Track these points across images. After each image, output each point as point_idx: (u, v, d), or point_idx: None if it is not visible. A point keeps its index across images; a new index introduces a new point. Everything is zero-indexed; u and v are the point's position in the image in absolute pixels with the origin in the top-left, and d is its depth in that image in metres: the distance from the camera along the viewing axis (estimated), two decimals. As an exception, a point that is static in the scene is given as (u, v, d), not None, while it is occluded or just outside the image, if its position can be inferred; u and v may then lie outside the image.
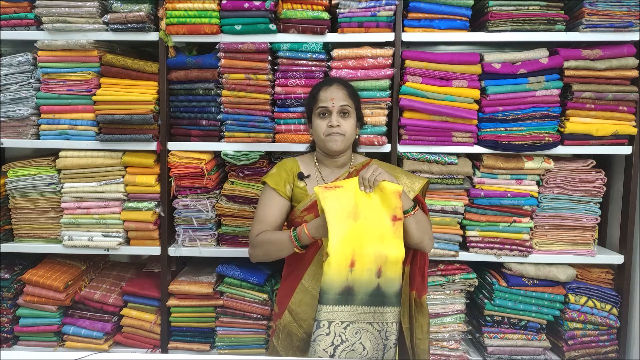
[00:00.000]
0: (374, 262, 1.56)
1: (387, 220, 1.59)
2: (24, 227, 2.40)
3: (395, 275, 1.58)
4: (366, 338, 1.57)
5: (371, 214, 1.59)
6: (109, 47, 2.34)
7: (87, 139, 2.31)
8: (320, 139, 1.74)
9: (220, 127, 2.30)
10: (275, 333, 1.77)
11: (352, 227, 1.57)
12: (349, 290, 1.56)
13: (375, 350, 1.58)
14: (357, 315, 1.57)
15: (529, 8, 2.17)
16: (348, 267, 1.55)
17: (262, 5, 2.15)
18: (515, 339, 2.29)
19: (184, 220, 2.34)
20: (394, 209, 1.60)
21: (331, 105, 1.72)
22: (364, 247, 1.56)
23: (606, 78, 2.19)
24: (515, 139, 2.21)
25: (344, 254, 1.55)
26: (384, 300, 1.58)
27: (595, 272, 2.33)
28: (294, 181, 1.77)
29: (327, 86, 1.76)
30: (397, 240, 1.59)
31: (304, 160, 1.84)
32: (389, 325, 1.59)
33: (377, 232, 1.58)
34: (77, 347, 2.38)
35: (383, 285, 1.57)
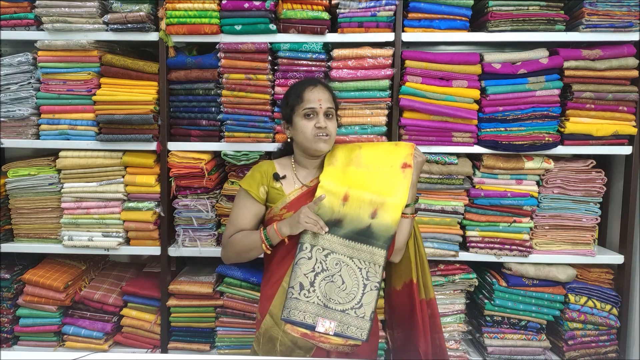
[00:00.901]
0: (370, 204, 1.65)
1: (396, 167, 1.71)
2: (24, 227, 2.40)
3: (391, 219, 1.64)
4: (346, 272, 1.61)
5: (376, 164, 1.72)
6: (109, 47, 2.34)
7: (87, 139, 2.31)
8: (307, 140, 1.71)
9: (220, 127, 2.30)
10: (256, 339, 1.74)
11: (352, 171, 1.71)
12: (337, 223, 1.64)
13: (354, 287, 1.60)
14: (338, 246, 1.62)
15: (529, 8, 2.17)
16: (341, 200, 1.66)
17: (262, 5, 2.16)
18: (515, 339, 2.29)
19: (184, 220, 2.34)
20: (405, 157, 1.72)
21: (319, 107, 1.71)
22: (362, 188, 1.65)
23: (606, 78, 2.19)
24: (515, 139, 2.21)
25: (336, 188, 1.67)
26: (370, 240, 1.63)
27: (595, 272, 2.33)
28: (269, 182, 1.76)
29: (313, 86, 1.75)
30: (404, 186, 1.68)
31: (281, 162, 1.83)
32: (371, 266, 1.62)
33: (380, 180, 1.69)
34: (77, 347, 2.38)
35: (375, 227, 1.64)
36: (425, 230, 2.26)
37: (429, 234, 2.26)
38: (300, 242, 1.61)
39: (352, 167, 1.72)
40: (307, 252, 1.61)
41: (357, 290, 1.60)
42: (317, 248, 1.61)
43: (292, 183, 1.76)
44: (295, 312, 1.58)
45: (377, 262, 1.62)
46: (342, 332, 1.58)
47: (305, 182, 1.76)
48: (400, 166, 1.70)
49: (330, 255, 1.61)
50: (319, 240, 1.61)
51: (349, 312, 1.59)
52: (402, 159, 1.71)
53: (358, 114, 2.23)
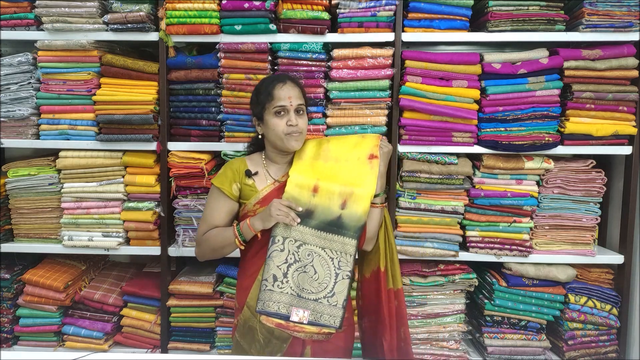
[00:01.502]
0: (339, 195, 1.68)
1: (363, 159, 1.75)
2: (24, 227, 2.40)
3: (360, 210, 1.66)
4: (318, 262, 1.64)
5: (344, 157, 1.76)
6: (109, 47, 2.34)
7: (87, 139, 2.31)
8: (279, 138, 1.73)
9: (220, 127, 2.30)
10: (237, 328, 1.77)
11: (320, 165, 1.75)
12: (309, 214, 1.66)
13: (327, 277, 1.64)
14: (310, 237, 1.65)
15: (529, 8, 2.17)
16: (311, 192, 1.68)
17: (262, 5, 2.16)
18: (515, 339, 2.29)
19: (184, 220, 2.34)
20: (371, 148, 1.76)
21: (289, 104, 1.72)
22: (330, 181, 1.70)
23: (606, 78, 2.19)
24: (515, 139, 2.21)
25: (305, 181, 1.69)
26: (341, 230, 1.66)
27: (595, 272, 2.33)
28: (242, 179, 1.77)
29: (282, 83, 1.75)
30: (371, 177, 1.71)
31: (252, 159, 1.84)
32: (343, 256, 1.65)
33: (348, 172, 1.73)
34: (77, 347, 2.38)
35: (345, 218, 1.67)
36: (425, 230, 2.26)
37: (429, 234, 2.26)
38: (272, 235, 1.65)
39: (321, 160, 1.76)
40: (279, 244, 1.64)
41: (329, 279, 1.64)
42: (289, 240, 1.65)
43: (264, 179, 1.78)
44: (270, 304, 1.62)
45: (348, 251, 1.65)
46: (316, 320, 1.61)
47: (277, 178, 1.78)
48: (367, 157, 1.74)
49: (302, 246, 1.65)
50: (291, 232, 1.65)
51: (321, 301, 1.63)
52: (369, 151, 1.75)
53: (358, 114, 2.23)
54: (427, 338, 2.32)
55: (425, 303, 2.31)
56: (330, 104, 2.25)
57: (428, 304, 2.31)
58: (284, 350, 1.68)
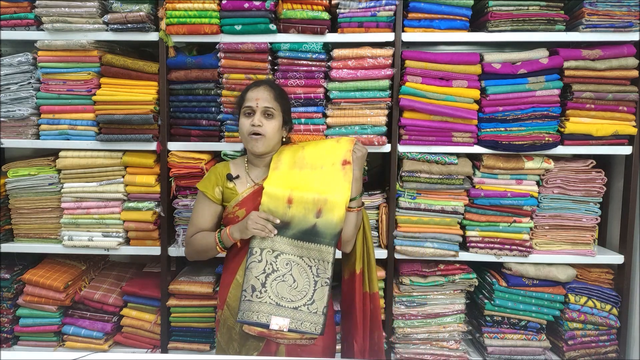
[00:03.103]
0: (313, 204, 1.70)
1: (337, 165, 1.75)
2: (24, 227, 2.40)
3: (335, 217, 1.68)
4: (296, 271, 1.67)
5: (319, 164, 1.76)
6: (109, 47, 2.34)
7: (87, 139, 2.31)
8: (245, 138, 1.80)
9: (220, 127, 2.30)
10: (219, 328, 1.82)
11: (295, 174, 1.75)
12: (286, 225, 1.69)
13: (305, 285, 1.67)
14: (287, 247, 1.68)
15: (529, 8, 2.17)
16: (286, 203, 1.70)
17: (262, 5, 2.16)
18: (515, 339, 2.29)
19: (184, 220, 2.34)
20: (345, 153, 1.77)
21: (255, 105, 1.77)
22: (305, 190, 1.71)
23: (606, 78, 2.19)
24: (515, 139, 2.21)
25: (280, 192, 1.71)
26: (318, 238, 1.68)
27: (595, 272, 2.33)
28: (224, 183, 1.83)
29: (256, 87, 1.83)
30: (345, 183, 1.72)
31: (236, 163, 1.90)
32: (321, 263, 1.68)
33: (323, 179, 1.73)
34: (77, 347, 2.38)
35: (320, 226, 1.68)
36: (425, 230, 2.26)
37: (429, 234, 2.26)
38: (250, 247, 1.69)
39: (296, 169, 1.77)
40: (257, 255, 1.68)
41: (308, 287, 1.67)
42: (266, 250, 1.68)
43: (245, 182, 1.83)
44: (249, 314, 1.66)
45: (326, 259, 1.67)
46: (297, 328, 1.64)
47: (257, 181, 1.82)
48: (341, 163, 1.75)
49: (280, 256, 1.68)
50: (268, 242, 1.68)
51: (301, 309, 1.65)
52: (342, 156, 1.76)
53: (358, 114, 2.23)
54: (427, 338, 2.32)
55: (425, 303, 2.31)
56: (330, 104, 2.25)
57: (428, 304, 2.31)
58: (261, 348, 1.73)
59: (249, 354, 1.73)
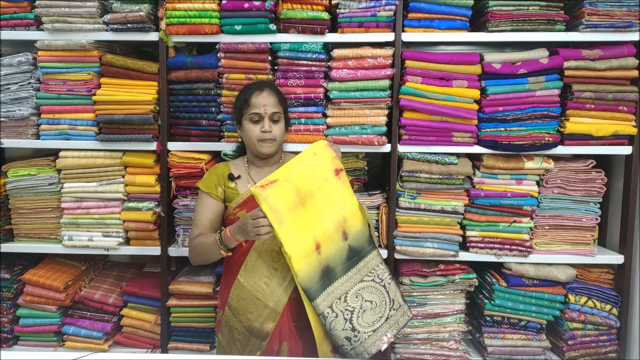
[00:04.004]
0: (336, 230, 1.64)
1: (331, 178, 1.67)
2: (24, 227, 2.40)
3: (358, 225, 1.66)
4: (367, 294, 1.65)
5: (315, 186, 1.64)
6: (109, 47, 2.34)
7: (87, 139, 2.31)
8: (253, 143, 1.81)
9: (220, 127, 2.30)
10: (220, 329, 1.81)
11: (303, 215, 1.61)
12: (327, 270, 1.62)
13: (380, 296, 1.68)
14: (346, 284, 1.64)
15: (529, 8, 2.17)
16: (315, 252, 1.62)
17: (262, 5, 2.15)
18: (515, 339, 2.29)
19: (184, 220, 2.34)
20: (331, 162, 1.68)
21: (263, 112, 1.79)
22: (322, 225, 1.62)
23: (606, 78, 2.19)
24: (515, 139, 2.21)
25: (306, 247, 1.59)
26: (360, 254, 1.66)
27: (595, 272, 2.33)
28: (225, 183, 1.84)
29: (259, 91, 1.83)
30: (346, 190, 1.68)
31: (236, 163, 1.91)
32: (377, 268, 1.68)
33: (326, 199, 1.64)
34: (77, 347, 2.38)
35: (353, 243, 1.67)
36: (425, 230, 2.26)
37: (429, 234, 2.26)
38: (319, 314, 1.61)
39: (299, 208, 1.60)
40: (330, 316, 1.61)
41: (383, 296, 1.67)
42: (335, 303, 1.62)
43: (246, 183, 1.84)
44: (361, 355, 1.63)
45: (377, 262, 1.67)
46: (397, 329, 1.70)
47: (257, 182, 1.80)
48: (334, 174, 1.69)
49: (346, 296, 1.63)
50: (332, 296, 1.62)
51: (391, 315, 1.70)
52: (331, 167, 1.69)
53: (358, 114, 2.23)
54: (427, 338, 2.32)
55: (425, 303, 2.31)
56: (330, 104, 2.25)
57: (428, 304, 2.31)
58: (263, 348, 1.71)
59: (251, 353, 1.72)
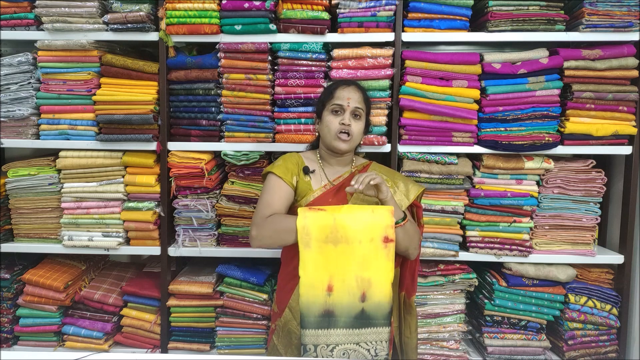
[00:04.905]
0: (357, 287, 1.57)
1: (377, 242, 1.58)
2: (24, 227, 2.40)
3: (383, 298, 1.58)
4: (355, 357, 1.58)
5: (356, 237, 1.57)
6: (109, 47, 2.34)
7: (87, 139, 2.31)
8: (330, 136, 1.75)
9: (220, 127, 2.30)
10: (275, 332, 1.78)
11: (331, 251, 1.57)
12: (330, 314, 1.57)
13: None
14: (342, 337, 1.58)
15: (529, 8, 2.17)
16: (325, 291, 1.57)
17: (262, 5, 2.15)
18: (515, 339, 2.29)
19: (184, 220, 2.34)
20: (385, 229, 1.59)
21: (346, 105, 1.74)
22: (344, 272, 1.57)
23: (606, 78, 2.19)
24: (515, 139, 2.21)
25: (318, 279, 1.57)
26: (371, 322, 1.59)
27: (595, 272, 2.33)
28: (299, 174, 1.78)
29: (346, 85, 1.80)
30: (388, 263, 1.59)
31: (308, 156, 1.85)
32: (379, 344, 1.60)
33: (362, 255, 1.57)
34: (77, 347, 2.38)
35: (369, 309, 1.58)
36: (426, 230, 2.26)
37: (429, 234, 2.26)
38: (302, 344, 1.58)
39: (330, 244, 1.57)
40: (311, 352, 1.58)
41: None
42: (320, 346, 1.58)
43: (320, 179, 1.79)
44: None
45: (383, 339, 1.60)
46: None
47: (331, 180, 1.79)
48: (382, 240, 1.59)
49: (335, 348, 1.58)
50: (322, 338, 1.58)
51: None
52: (383, 232, 1.59)
53: (358, 114, 2.23)
54: (427, 338, 2.32)
55: (425, 303, 2.31)
56: (330, 104, 2.25)
57: (428, 304, 2.31)
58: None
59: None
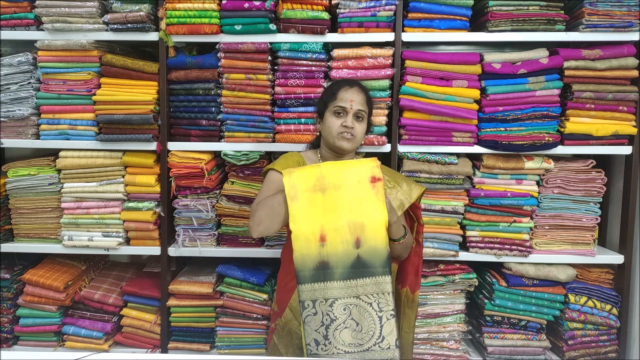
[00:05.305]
0: (349, 233, 1.53)
1: (365, 183, 1.55)
2: (24, 227, 2.40)
3: (378, 242, 1.53)
4: (357, 313, 1.53)
5: (343, 182, 1.55)
6: (109, 47, 2.34)
7: (87, 139, 2.31)
8: (332, 136, 1.74)
9: (220, 127, 2.30)
10: (275, 331, 1.77)
11: (319, 200, 1.55)
12: (325, 265, 1.53)
13: (371, 325, 1.52)
14: (340, 290, 1.53)
15: (529, 8, 2.17)
16: (318, 242, 1.53)
17: (262, 5, 2.15)
18: (515, 339, 2.29)
19: (184, 220, 2.34)
20: (371, 169, 1.57)
21: (349, 107, 1.73)
22: (336, 220, 1.54)
23: (606, 78, 2.19)
24: (515, 139, 2.21)
25: (309, 230, 1.53)
26: (369, 270, 1.53)
27: (595, 272, 2.33)
28: None
29: (349, 87, 1.78)
30: (379, 203, 1.54)
31: (308, 156, 1.85)
32: (381, 296, 1.53)
33: (351, 199, 1.54)
34: (77, 347, 2.38)
35: (365, 256, 1.53)
36: (426, 230, 2.26)
37: (429, 233, 2.26)
38: (301, 301, 1.53)
39: (318, 192, 1.56)
40: (310, 308, 1.53)
41: (374, 326, 1.52)
42: (319, 301, 1.53)
43: None
44: None
45: (385, 290, 1.53)
46: None
47: None
48: (369, 181, 1.56)
49: (335, 303, 1.52)
50: (319, 292, 1.53)
51: (373, 349, 1.52)
52: (369, 172, 1.56)
53: (358, 114, 2.23)
54: (427, 338, 2.32)
55: (425, 303, 2.31)
56: (330, 104, 2.25)
57: (428, 304, 2.31)
58: None
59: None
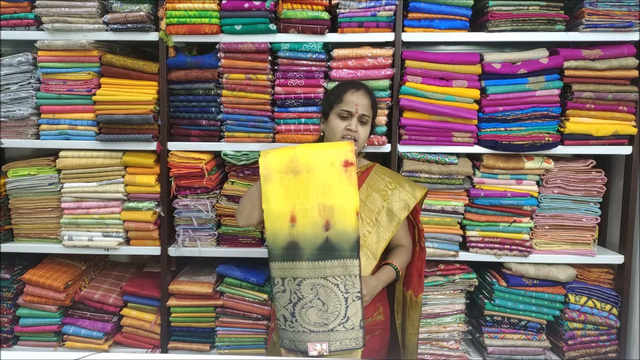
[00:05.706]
0: (319, 216, 1.56)
1: (338, 166, 1.58)
2: (24, 227, 2.40)
3: (347, 226, 1.55)
4: (323, 293, 1.56)
5: (316, 164, 1.58)
6: (109, 47, 2.34)
7: (87, 139, 2.31)
8: (335, 138, 1.75)
9: (220, 127, 2.30)
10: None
11: (291, 181, 1.58)
12: (294, 245, 1.56)
13: (336, 305, 1.55)
14: (308, 271, 1.56)
15: (529, 8, 2.17)
16: (289, 222, 1.57)
17: (262, 5, 2.16)
18: (515, 339, 2.29)
19: (184, 220, 2.34)
20: (345, 153, 1.59)
21: (354, 111, 1.74)
22: (306, 201, 1.57)
23: (606, 78, 2.19)
24: (515, 139, 2.21)
25: (281, 210, 1.57)
26: (336, 253, 1.55)
27: (595, 272, 2.33)
28: None
29: (355, 90, 1.78)
30: (350, 187, 1.56)
31: None
32: (349, 278, 1.55)
33: (323, 182, 1.57)
34: (77, 347, 2.38)
35: (333, 238, 1.55)
36: (426, 230, 2.25)
37: (429, 233, 2.26)
38: (272, 277, 1.59)
39: (290, 174, 1.59)
40: (279, 285, 1.58)
41: (339, 307, 1.55)
42: (287, 280, 1.57)
43: None
44: (286, 342, 1.60)
45: (352, 273, 1.55)
46: (337, 348, 1.55)
47: None
48: (342, 164, 1.57)
49: (303, 282, 1.56)
50: (288, 271, 1.57)
51: (337, 329, 1.55)
52: (343, 156, 1.58)
53: (358, 114, 2.23)
54: (427, 338, 2.32)
55: (425, 303, 2.31)
56: (330, 104, 2.25)
57: (428, 304, 2.31)
58: None
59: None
